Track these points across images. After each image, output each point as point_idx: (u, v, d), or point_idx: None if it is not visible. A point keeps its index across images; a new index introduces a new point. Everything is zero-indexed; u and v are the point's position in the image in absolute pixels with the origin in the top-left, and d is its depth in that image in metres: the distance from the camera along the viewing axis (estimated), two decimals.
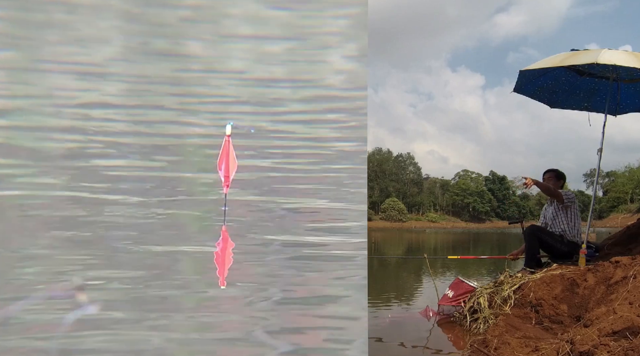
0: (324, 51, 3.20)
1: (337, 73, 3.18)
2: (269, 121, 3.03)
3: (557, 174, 4.64)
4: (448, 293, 4.43)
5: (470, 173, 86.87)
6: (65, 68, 2.92)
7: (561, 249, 4.34)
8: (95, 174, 2.62)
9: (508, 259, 4.99)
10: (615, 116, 5.22)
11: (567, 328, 3.21)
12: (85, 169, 2.63)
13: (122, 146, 2.77)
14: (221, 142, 2.86)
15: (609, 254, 4.07)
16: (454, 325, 3.99)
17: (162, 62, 3.06)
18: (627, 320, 2.71)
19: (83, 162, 2.66)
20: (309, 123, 3.02)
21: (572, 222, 4.41)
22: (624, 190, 71.72)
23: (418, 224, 69.50)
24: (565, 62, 4.21)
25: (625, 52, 4.15)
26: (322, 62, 3.19)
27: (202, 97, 3.09)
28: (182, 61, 3.21)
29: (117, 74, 2.96)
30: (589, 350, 2.55)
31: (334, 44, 3.21)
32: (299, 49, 3.21)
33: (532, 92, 5.13)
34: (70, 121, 2.76)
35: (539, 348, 2.76)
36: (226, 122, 3.01)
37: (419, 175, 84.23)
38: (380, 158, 78.84)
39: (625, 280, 3.29)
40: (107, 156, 2.71)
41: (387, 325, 4.18)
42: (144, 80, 2.99)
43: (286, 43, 3.21)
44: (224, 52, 3.23)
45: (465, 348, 3.19)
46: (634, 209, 63.02)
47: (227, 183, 2.66)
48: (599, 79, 4.95)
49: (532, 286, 3.71)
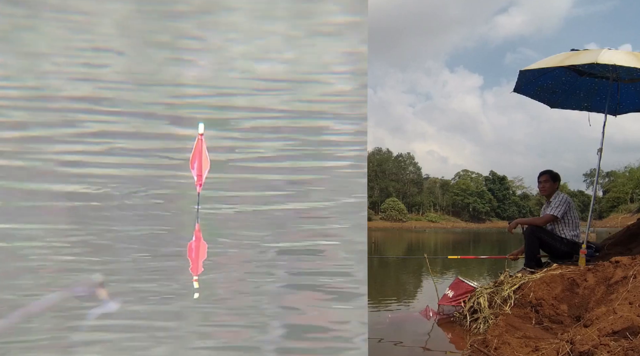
0: (324, 51, 3.19)
1: (337, 72, 3.17)
2: (268, 121, 3.02)
3: (553, 175, 4.62)
4: (448, 293, 4.43)
5: (470, 173, 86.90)
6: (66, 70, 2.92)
7: (561, 249, 4.33)
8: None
9: (508, 259, 4.99)
10: (615, 116, 5.22)
11: (567, 328, 3.21)
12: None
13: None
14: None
15: (609, 254, 4.07)
16: (454, 325, 3.99)
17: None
18: (627, 320, 2.71)
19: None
20: (309, 123, 3.01)
21: (570, 225, 4.40)
22: (624, 190, 71.69)
23: (418, 224, 69.47)
24: (565, 62, 4.21)
25: (625, 52, 4.14)
26: (321, 59, 3.18)
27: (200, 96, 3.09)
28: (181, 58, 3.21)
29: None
30: (589, 350, 2.55)
31: (334, 43, 3.21)
32: (299, 48, 3.20)
33: (532, 92, 5.13)
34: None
35: (539, 348, 2.76)
36: (226, 121, 3.01)
37: (419, 175, 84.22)
38: (380, 158, 78.80)
39: (625, 280, 3.28)
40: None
41: (387, 325, 4.18)
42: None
43: (286, 43, 3.21)
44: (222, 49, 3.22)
45: (465, 348, 3.19)
46: (634, 209, 63.01)
47: (200, 182, 2.65)
48: (599, 79, 4.94)
49: (532, 286, 3.71)
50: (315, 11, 3.29)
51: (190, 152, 2.71)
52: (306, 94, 3.12)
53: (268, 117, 3.02)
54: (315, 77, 3.16)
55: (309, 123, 2.99)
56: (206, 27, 3.24)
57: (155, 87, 3.05)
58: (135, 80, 3.04)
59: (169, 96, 3.05)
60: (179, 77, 3.12)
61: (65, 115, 2.86)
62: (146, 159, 2.77)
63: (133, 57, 3.13)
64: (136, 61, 3.12)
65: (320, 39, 3.21)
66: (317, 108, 3.06)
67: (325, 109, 3.04)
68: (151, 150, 2.82)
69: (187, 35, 3.26)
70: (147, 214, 2.52)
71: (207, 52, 3.19)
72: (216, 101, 3.05)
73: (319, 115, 3.03)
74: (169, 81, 3.11)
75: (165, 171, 2.75)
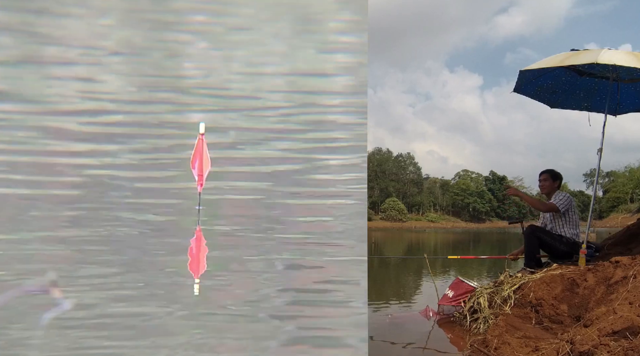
0: (324, 51, 3.19)
1: (337, 72, 3.17)
2: (267, 120, 3.02)
3: (553, 175, 4.62)
4: (448, 293, 4.43)
5: (470, 173, 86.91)
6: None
7: (561, 249, 4.33)
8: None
9: (508, 259, 4.99)
10: (615, 116, 5.22)
11: (567, 328, 3.21)
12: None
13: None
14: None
15: (609, 254, 4.07)
16: (454, 325, 3.99)
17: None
18: (627, 319, 2.71)
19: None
20: (309, 123, 3.02)
21: (571, 222, 4.41)
22: (624, 190, 71.68)
23: (418, 224, 69.47)
24: (565, 62, 4.21)
25: (625, 52, 4.14)
26: (321, 59, 3.18)
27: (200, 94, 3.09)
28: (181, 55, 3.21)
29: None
30: (589, 350, 2.55)
31: (334, 43, 3.21)
32: (299, 48, 3.20)
33: (532, 92, 5.13)
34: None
35: (539, 348, 2.76)
36: (225, 120, 3.01)
37: (419, 175, 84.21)
38: (380, 158, 78.80)
39: (625, 280, 3.28)
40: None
41: (387, 325, 4.18)
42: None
43: (286, 43, 3.21)
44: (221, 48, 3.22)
45: (465, 348, 3.19)
46: (634, 209, 63.00)
47: (201, 181, 2.66)
48: (599, 79, 4.95)
49: (532, 286, 3.71)
50: (315, 11, 3.29)
51: (191, 152, 2.71)
52: (306, 95, 3.12)
53: (268, 115, 3.02)
54: (314, 77, 3.16)
55: (309, 123, 2.99)
56: (206, 27, 3.24)
57: (155, 87, 3.05)
58: (136, 80, 3.04)
59: (169, 95, 3.05)
60: (179, 76, 3.12)
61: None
62: (147, 160, 2.77)
63: (133, 57, 3.13)
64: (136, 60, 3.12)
65: (321, 39, 3.21)
66: (317, 108, 3.06)
67: (325, 109, 3.04)
68: (151, 150, 2.82)
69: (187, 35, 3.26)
70: (147, 214, 2.52)
71: (208, 52, 3.19)
72: (216, 100, 3.05)
73: (319, 115, 3.03)
74: (169, 81, 3.10)
75: (165, 171, 2.75)
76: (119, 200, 2.58)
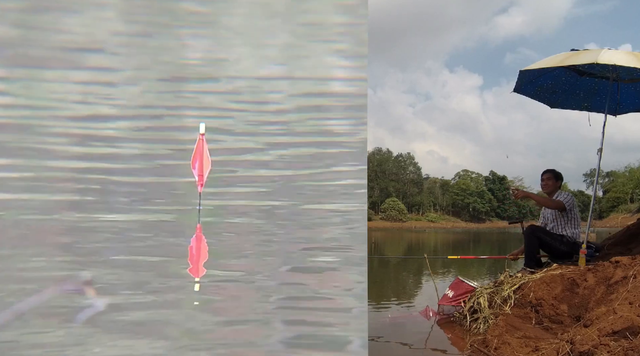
0: (324, 50, 3.20)
1: (337, 72, 3.18)
2: (267, 121, 3.03)
3: (556, 174, 4.64)
4: (448, 293, 4.43)
5: (470, 173, 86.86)
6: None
7: (561, 249, 4.33)
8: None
9: (508, 259, 4.99)
10: (615, 116, 5.22)
11: (567, 328, 3.21)
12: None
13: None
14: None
15: (609, 254, 4.07)
16: (454, 325, 3.99)
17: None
18: (627, 319, 2.71)
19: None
20: (309, 123, 3.02)
21: (572, 222, 4.41)
22: (624, 190, 71.66)
23: (418, 224, 69.45)
24: (565, 62, 4.21)
25: (625, 52, 4.14)
26: (321, 61, 3.19)
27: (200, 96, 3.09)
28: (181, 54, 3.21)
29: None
30: (589, 350, 2.55)
31: (334, 42, 3.21)
32: (300, 48, 3.21)
33: (532, 92, 5.13)
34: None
35: (539, 348, 2.76)
36: (224, 125, 3.01)
37: (419, 175, 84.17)
38: (380, 158, 78.78)
39: (625, 280, 3.28)
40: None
41: (387, 325, 4.18)
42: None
43: (286, 43, 3.21)
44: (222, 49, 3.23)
45: (465, 348, 3.19)
46: (634, 209, 62.98)
47: (202, 181, 2.67)
48: (599, 79, 4.94)
49: (532, 286, 3.71)
50: (316, 11, 3.29)
51: (191, 152, 2.71)
52: (306, 95, 3.12)
53: (268, 120, 3.02)
54: (314, 78, 3.16)
55: (309, 123, 2.99)
56: (207, 27, 3.25)
57: (156, 88, 3.05)
58: (136, 80, 3.04)
59: (168, 96, 3.05)
60: (179, 77, 3.12)
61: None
62: (146, 160, 2.78)
63: (133, 56, 3.13)
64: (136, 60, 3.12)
65: (321, 39, 3.21)
66: (317, 108, 3.06)
67: (325, 110, 3.04)
68: (151, 150, 2.82)
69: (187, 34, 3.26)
70: (146, 213, 2.52)
71: (208, 52, 3.19)
72: (217, 100, 3.05)
73: (318, 115, 3.03)
74: (168, 81, 3.11)
75: (165, 171, 2.76)
76: (119, 200, 2.59)
